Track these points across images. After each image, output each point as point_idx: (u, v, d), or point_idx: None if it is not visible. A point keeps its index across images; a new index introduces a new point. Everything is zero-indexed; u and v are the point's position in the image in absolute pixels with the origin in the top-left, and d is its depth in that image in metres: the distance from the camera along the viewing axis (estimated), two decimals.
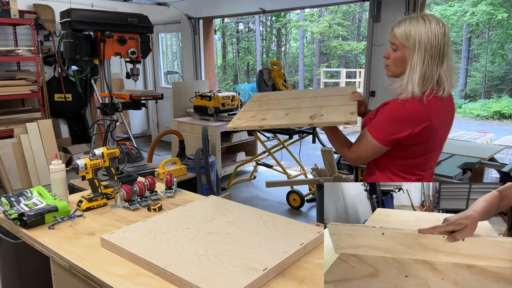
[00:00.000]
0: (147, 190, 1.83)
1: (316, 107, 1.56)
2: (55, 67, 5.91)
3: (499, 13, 14.32)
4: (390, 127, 1.45)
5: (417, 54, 1.43)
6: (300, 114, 1.52)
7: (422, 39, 1.42)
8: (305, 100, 1.70)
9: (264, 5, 5.71)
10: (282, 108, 1.62)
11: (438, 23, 1.43)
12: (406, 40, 1.45)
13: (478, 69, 17.58)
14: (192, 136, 4.99)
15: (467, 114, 14.95)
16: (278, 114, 1.56)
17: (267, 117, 1.54)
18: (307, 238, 1.36)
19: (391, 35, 1.52)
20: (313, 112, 1.51)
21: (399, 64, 1.50)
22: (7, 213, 1.58)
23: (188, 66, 6.99)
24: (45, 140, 4.85)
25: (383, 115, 1.48)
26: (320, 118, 1.43)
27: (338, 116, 1.44)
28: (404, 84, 1.45)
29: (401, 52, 1.48)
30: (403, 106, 1.43)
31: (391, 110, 1.46)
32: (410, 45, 1.44)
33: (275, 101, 1.74)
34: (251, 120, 1.53)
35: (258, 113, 1.60)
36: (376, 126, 1.49)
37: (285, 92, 1.89)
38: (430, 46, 1.43)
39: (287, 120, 1.48)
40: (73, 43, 2.41)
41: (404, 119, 1.43)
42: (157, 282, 1.15)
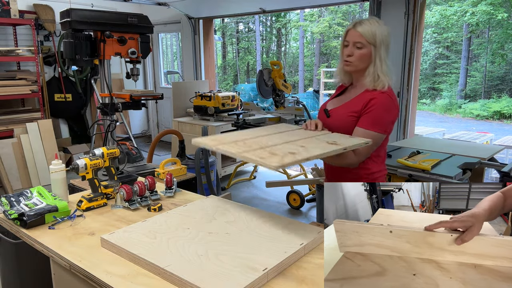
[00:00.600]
0: (147, 190, 1.83)
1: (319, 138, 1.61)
2: (55, 67, 5.91)
3: (499, 13, 14.32)
4: (388, 115, 1.67)
5: (383, 50, 1.68)
6: (317, 144, 1.51)
7: (383, 37, 1.67)
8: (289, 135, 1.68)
9: (264, 5, 5.71)
10: (281, 143, 1.54)
11: (385, 25, 1.69)
12: (373, 38, 1.66)
13: (478, 69, 17.57)
14: (192, 136, 4.98)
15: (467, 114, 14.94)
16: (291, 147, 1.47)
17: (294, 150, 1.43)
18: (307, 238, 1.36)
19: (351, 35, 1.69)
20: (327, 139, 1.56)
21: (365, 60, 1.69)
22: (7, 213, 1.58)
23: (188, 66, 6.99)
24: (45, 140, 4.85)
25: (378, 108, 1.65)
26: (338, 144, 1.49)
27: (350, 140, 1.57)
28: (376, 77, 1.67)
29: (367, 49, 1.67)
30: (389, 97, 1.68)
31: (383, 102, 1.66)
32: (377, 42, 1.66)
33: (251, 140, 1.59)
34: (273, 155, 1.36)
35: (263, 149, 1.47)
36: (375, 121, 1.65)
37: (243, 134, 1.73)
38: (387, 43, 1.70)
39: (320, 150, 1.41)
40: (73, 43, 2.41)
41: (394, 107, 1.69)
42: (157, 282, 1.15)
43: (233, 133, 1.75)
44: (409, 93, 4.64)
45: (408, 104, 4.66)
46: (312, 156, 1.34)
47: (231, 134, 1.72)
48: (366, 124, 1.66)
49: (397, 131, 4.76)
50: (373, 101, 1.66)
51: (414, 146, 3.27)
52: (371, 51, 1.67)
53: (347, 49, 1.70)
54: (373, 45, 1.66)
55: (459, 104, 16.17)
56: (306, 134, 1.70)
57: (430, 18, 16.23)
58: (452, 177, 2.43)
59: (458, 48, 18.47)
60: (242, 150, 1.41)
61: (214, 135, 1.72)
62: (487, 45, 16.83)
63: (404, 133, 4.73)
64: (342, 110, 1.77)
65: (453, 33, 17.81)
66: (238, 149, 1.43)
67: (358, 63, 1.70)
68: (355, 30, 1.67)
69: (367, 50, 1.67)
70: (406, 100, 4.66)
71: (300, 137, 1.63)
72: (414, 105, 4.86)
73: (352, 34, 1.69)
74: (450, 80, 18.14)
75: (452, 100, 16.67)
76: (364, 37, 1.65)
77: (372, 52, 1.67)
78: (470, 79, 17.59)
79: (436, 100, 17.68)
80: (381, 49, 1.67)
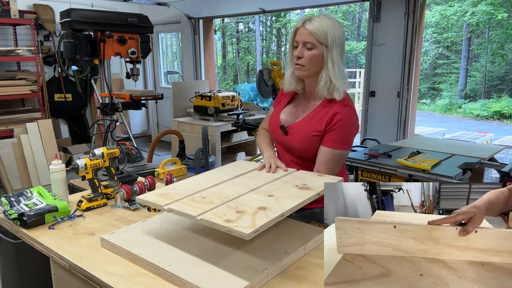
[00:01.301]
0: (147, 190, 1.83)
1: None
2: (55, 67, 5.91)
3: (499, 13, 14.31)
4: (352, 131, 1.57)
5: (335, 51, 1.49)
6: (287, 192, 1.34)
7: (336, 36, 1.49)
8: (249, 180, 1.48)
9: (264, 5, 5.71)
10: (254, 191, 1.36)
11: (339, 23, 1.53)
12: (324, 38, 1.47)
13: (478, 69, 17.57)
14: (192, 136, 4.99)
15: (467, 114, 14.94)
16: (260, 198, 1.29)
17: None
18: (307, 238, 1.36)
19: (300, 34, 1.51)
20: (295, 182, 1.43)
21: (317, 62, 1.51)
22: (7, 213, 1.58)
23: (188, 66, 6.99)
24: (45, 140, 4.85)
25: (343, 126, 1.53)
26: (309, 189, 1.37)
27: (321, 180, 1.46)
28: (328, 82, 1.51)
29: (318, 50, 1.49)
30: (352, 110, 1.56)
31: (347, 117, 1.53)
32: (329, 42, 1.48)
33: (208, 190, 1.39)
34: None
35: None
36: (342, 139, 1.54)
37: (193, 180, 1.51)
38: (341, 44, 1.52)
39: (293, 200, 1.25)
40: (73, 43, 2.41)
41: (357, 120, 1.59)
42: (157, 282, 1.15)
43: (188, 181, 1.49)
44: (409, 93, 4.64)
45: (408, 104, 4.66)
46: (286, 211, 1.18)
47: (185, 183, 1.47)
48: (332, 143, 1.54)
49: (397, 131, 4.76)
50: (337, 117, 1.52)
51: (414, 146, 3.27)
52: (323, 53, 1.50)
53: (297, 51, 1.52)
54: (325, 46, 1.49)
55: (459, 104, 16.17)
56: (267, 176, 1.53)
57: (430, 18, 16.23)
58: (452, 177, 2.43)
59: (458, 48, 18.46)
60: (203, 211, 1.18)
61: (163, 188, 1.43)
62: (487, 45, 16.83)
63: (404, 133, 4.73)
64: (302, 127, 1.60)
65: (453, 33, 17.80)
66: (198, 208, 1.20)
67: (309, 67, 1.52)
68: (304, 28, 1.49)
69: (319, 51, 1.49)
70: (406, 100, 4.66)
71: (264, 181, 1.45)
72: (414, 105, 4.86)
73: (301, 32, 1.50)
74: (450, 80, 18.14)
75: (452, 100, 16.66)
76: (314, 36, 1.47)
77: (324, 54, 1.50)
78: (470, 79, 17.58)
79: (436, 100, 17.68)
80: (333, 50, 1.49)
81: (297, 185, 1.39)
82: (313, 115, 1.59)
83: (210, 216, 1.14)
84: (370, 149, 3.24)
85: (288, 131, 1.63)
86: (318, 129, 1.56)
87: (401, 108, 4.69)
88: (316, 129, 1.57)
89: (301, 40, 1.51)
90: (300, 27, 1.51)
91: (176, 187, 1.42)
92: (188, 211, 1.18)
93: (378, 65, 4.80)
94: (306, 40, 1.49)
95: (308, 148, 1.59)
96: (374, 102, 4.91)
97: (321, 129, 1.56)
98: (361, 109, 5.16)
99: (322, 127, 1.55)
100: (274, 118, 1.72)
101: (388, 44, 4.67)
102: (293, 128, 1.63)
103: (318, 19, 1.49)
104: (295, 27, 1.54)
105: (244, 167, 1.65)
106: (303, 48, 1.51)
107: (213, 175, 1.56)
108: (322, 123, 1.55)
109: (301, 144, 1.60)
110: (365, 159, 2.88)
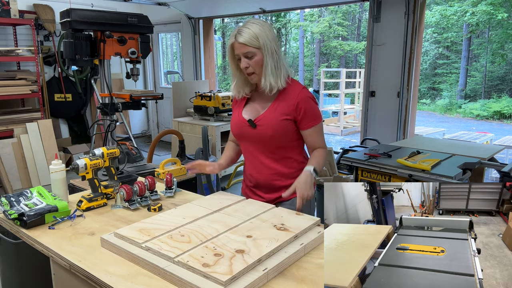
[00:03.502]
0: (147, 190, 1.83)
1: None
2: (55, 67, 5.91)
3: (499, 13, 14.31)
4: (316, 104, 1.76)
5: (269, 48, 1.62)
6: (264, 232, 1.35)
7: (266, 35, 1.61)
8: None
9: (264, 5, 5.71)
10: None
11: (264, 21, 1.67)
12: (257, 42, 1.61)
13: (478, 69, 17.57)
14: (192, 136, 4.99)
15: (467, 114, 14.94)
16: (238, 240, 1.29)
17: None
18: (307, 238, 1.36)
19: (237, 48, 1.63)
20: (274, 222, 1.45)
21: (262, 65, 1.65)
22: (7, 213, 1.58)
23: (188, 66, 6.99)
24: (45, 140, 4.85)
25: (311, 103, 1.71)
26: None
27: (299, 220, 1.47)
28: (275, 74, 1.65)
29: (258, 56, 1.63)
30: (306, 89, 1.74)
31: (308, 97, 1.71)
32: (261, 44, 1.61)
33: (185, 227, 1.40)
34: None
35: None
36: (316, 114, 1.72)
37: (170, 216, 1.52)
38: (272, 39, 1.64)
39: (271, 244, 1.27)
40: (73, 43, 2.41)
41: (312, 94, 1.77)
42: (157, 282, 1.15)
43: (167, 214, 1.53)
44: (409, 93, 4.64)
45: (408, 104, 4.67)
46: (263, 255, 1.19)
47: (164, 217, 1.49)
48: (312, 122, 1.71)
49: (397, 131, 4.76)
50: (301, 102, 1.68)
51: (414, 146, 3.27)
52: (263, 54, 1.63)
53: (242, 63, 1.66)
54: (260, 48, 1.62)
55: (459, 104, 16.17)
56: (246, 212, 1.54)
57: (430, 18, 16.23)
58: (452, 177, 2.43)
59: (458, 48, 18.47)
60: (181, 251, 1.20)
61: (142, 223, 1.43)
62: (487, 45, 16.84)
63: (404, 133, 4.74)
64: (269, 116, 1.71)
65: (453, 33, 17.81)
66: (176, 248, 1.22)
67: (259, 71, 1.66)
68: (238, 42, 1.62)
69: (259, 56, 1.63)
70: (406, 100, 4.66)
71: (242, 219, 1.46)
72: (414, 105, 4.86)
73: (237, 47, 1.64)
74: (450, 80, 18.14)
75: (452, 100, 16.67)
76: (249, 45, 1.61)
77: (264, 55, 1.63)
78: (470, 79, 17.59)
79: (436, 100, 17.68)
80: (267, 48, 1.62)
81: (275, 225, 1.42)
82: (276, 105, 1.71)
83: (188, 259, 1.16)
84: (370, 149, 3.24)
85: (256, 123, 1.72)
86: (286, 113, 1.69)
87: (401, 108, 4.69)
88: (284, 113, 1.69)
89: (240, 53, 1.64)
90: (234, 42, 1.64)
91: (155, 222, 1.45)
92: (165, 252, 1.20)
93: (378, 65, 4.80)
94: (244, 51, 1.62)
95: (281, 134, 1.70)
96: (374, 102, 4.91)
97: (289, 112, 1.69)
98: (361, 109, 5.16)
99: (290, 111, 1.69)
100: (237, 119, 1.81)
101: (388, 44, 4.67)
102: (261, 119, 1.72)
103: (246, 29, 1.62)
104: (230, 42, 1.67)
105: (223, 200, 1.69)
106: (245, 59, 1.64)
107: (192, 209, 1.59)
108: (289, 109, 1.69)
109: (274, 131, 1.69)
110: (365, 159, 2.88)
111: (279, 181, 1.78)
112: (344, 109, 10.03)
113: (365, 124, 5.00)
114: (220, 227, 1.40)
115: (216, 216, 1.52)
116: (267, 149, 1.76)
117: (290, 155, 1.77)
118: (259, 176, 1.82)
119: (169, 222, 1.44)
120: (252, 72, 1.66)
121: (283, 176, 1.77)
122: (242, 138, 1.82)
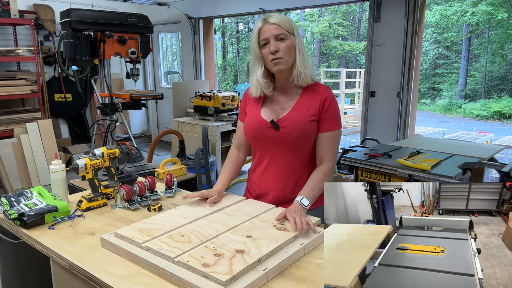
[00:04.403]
0: (147, 190, 1.83)
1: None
2: (55, 67, 5.91)
3: (499, 13, 14.32)
4: (339, 109, 1.63)
5: (299, 40, 1.52)
6: (264, 232, 1.34)
7: (295, 27, 1.52)
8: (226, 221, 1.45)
9: (264, 5, 5.72)
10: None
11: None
12: (291, 27, 1.49)
13: (478, 69, 17.58)
14: (192, 136, 4.99)
15: (467, 114, 14.95)
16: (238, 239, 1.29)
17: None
18: (307, 238, 1.36)
19: (267, 30, 1.49)
20: (274, 222, 1.43)
21: (292, 52, 1.51)
22: (7, 213, 1.58)
23: (188, 66, 6.99)
24: (45, 140, 4.85)
25: (335, 106, 1.59)
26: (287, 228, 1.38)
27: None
28: (303, 70, 1.52)
29: (290, 40, 1.49)
30: (331, 90, 1.61)
31: (334, 98, 1.60)
32: (295, 32, 1.50)
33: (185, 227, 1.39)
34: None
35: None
36: (337, 118, 1.59)
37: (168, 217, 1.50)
38: (299, 34, 1.55)
39: (270, 244, 1.26)
40: (73, 43, 2.41)
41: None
42: (157, 282, 1.15)
43: (167, 214, 1.51)
44: (409, 93, 4.64)
45: (408, 104, 4.67)
46: (263, 255, 1.18)
47: (164, 217, 1.48)
48: (331, 126, 1.57)
49: (397, 131, 4.76)
50: (327, 100, 1.56)
51: (414, 146, 3.27)
52: (294, 42, 1.50)
53: (271, 46, 1.48)
54: (293, 35, 1.49)
55: (459, 104, 16.18)
56: (246, 212, 1.52)
57: (430, 18, 16.24)
58: (452, 177, 2.43)
59: (458, 48, 18.48)
60: (181, 251, 1.19)
61: (142, 223, 1.43)
62: (487, 45, 16.84)
63: (404, 133, 4.74)
64: (294, 117, 1.56)
65: (453, 33, 17.82)
66: (176, 249, 1.21)
67: (288, 57, 1.49)
68: (269, 23, 1.47)
69: (291, 41, 1.49)
70: (406, 100, 4.66)
71: (242, 219, 1.45)
72: (414, 105, 4.86)
73: (267, 28, 1.48)
74: (450, 80, 18.15)
75: (452, 100, 16.67)
76: (283, 27, 1.47)
77: (295, 43, 1.50)
78: (470, 79, 17.59)
79: (436, 100, 17.69)
80: (299, 39, 1.51)
81: (275, 225, 1.40)
82: (301, 104, 1.58)
83: (188, 259, 1.15)
84: (370, 149, 3.24)
85: (279, 125, 1.57)
86: (312, 113, 1.56)
87: (401, 108, 4.69)
88: (311, 113, 1.56)
89: (271, 35, 1.48)
90: (264, 24, 1.50)
91: (155, 222, 1.43)
92: (166, 252, 1.19)
93: (378, 65, 4.81)
94: (276, 33, 1.48)
95: (306, 136, 1.57)
96: (374, 102, 4.92)
97: (316, 112, 1.56)
98: (361, 109, 5.16)
99: (316, 110, 1.56)
100: (255, 120, 1.63)
101: (388, 44, 4.68)
102: (285, 120, 1.57)
103: (275, 14, 1.51)
104: (257, 28, 1.52)
105: (223, 200, 1.67)
106: (276, 41, 1.48)
107: (192, 209, 1.57)
108: (315, 108, 1.56)
109: (300, 133, 1.55)
110: (365, 159, 2.88)
111: (295, 194, 1.58)
112: (344, 109, 10.04)
113: (365, 124, 5.00)
114: (220, 227, 1.39)
115: (216, 216, 1.51)
116: (290, 153, 1.61)
117: (312, 164, 1.63)
118: (273, 184, 1.67)
119: (169, 222, 1.44)
120: (281, 57, 1.49)
121: (301, 186, 1.60)
122: (260, 141, 1.65)
